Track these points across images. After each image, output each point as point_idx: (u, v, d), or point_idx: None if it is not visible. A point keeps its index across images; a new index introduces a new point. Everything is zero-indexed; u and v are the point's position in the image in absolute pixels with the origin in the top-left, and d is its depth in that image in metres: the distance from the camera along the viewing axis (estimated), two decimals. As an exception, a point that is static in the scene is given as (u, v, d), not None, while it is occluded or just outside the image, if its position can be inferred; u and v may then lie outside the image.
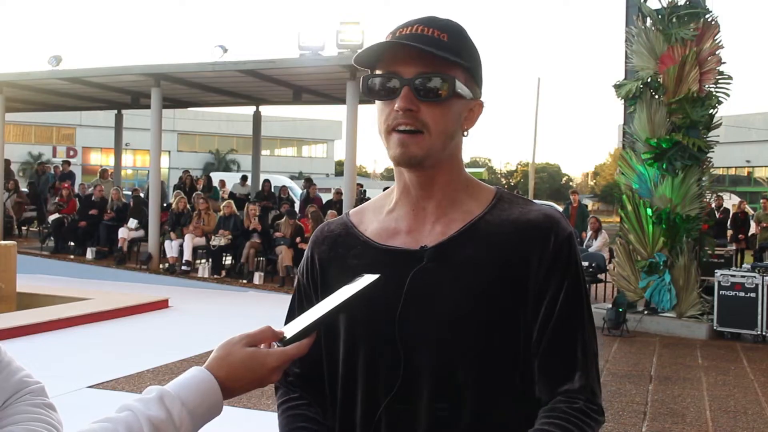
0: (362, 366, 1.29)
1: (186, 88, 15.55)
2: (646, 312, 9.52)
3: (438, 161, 1.27)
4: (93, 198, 15.37)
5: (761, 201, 17.10)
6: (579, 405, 1.21)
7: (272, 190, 17.64)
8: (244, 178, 19.94)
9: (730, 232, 16.69)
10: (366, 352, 1.29)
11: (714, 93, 9.53)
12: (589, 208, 26.13)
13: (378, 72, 1.26)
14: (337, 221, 1.43)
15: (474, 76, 1.29)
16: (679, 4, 9.69)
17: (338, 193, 16.12)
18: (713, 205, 15.17)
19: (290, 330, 1.15)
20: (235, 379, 1.11)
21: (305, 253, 1.44)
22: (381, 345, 1.27)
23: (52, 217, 15.55)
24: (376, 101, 1.28)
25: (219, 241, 13.20)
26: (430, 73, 1.22)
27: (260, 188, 17.47)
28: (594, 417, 1.22)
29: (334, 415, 1.34)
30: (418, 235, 1.30)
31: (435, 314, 1.24)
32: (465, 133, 1.32)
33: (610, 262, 11.92)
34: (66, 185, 16.73)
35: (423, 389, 1.24)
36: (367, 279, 1.18)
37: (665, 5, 9.73)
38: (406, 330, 1.25)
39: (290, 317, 1.41)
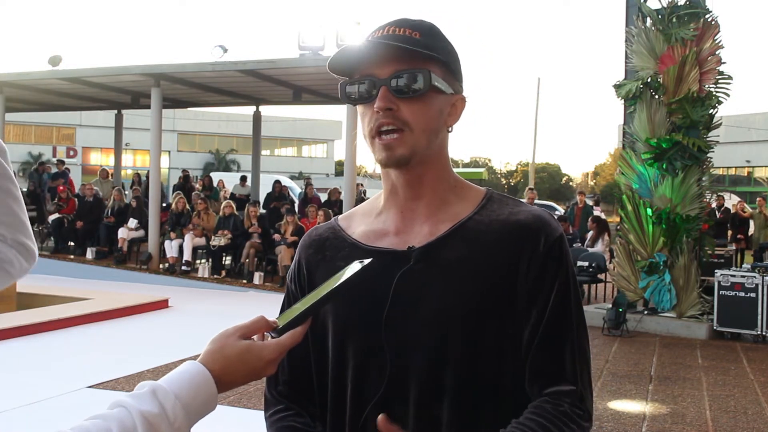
0: (352, 369, 1.28)
1: (186, 88, 15.56)
2: (646, 312, 9.52)
3: (424, 158, 1.26)
4: (85, 198, 15.37)
5: (757, 200, 17.10)
6: (564, 408, 1.20)
7: (281, 190, 17.45)
8: (243, 179, 19.93)
9: (730, 233, 16.71)
10: (355, 355, 1.27)
11: (714, 93, 9.52)
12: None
13: (354, 77, 1.26)
14: (325, 226, 1.42)
15: (452, 71, 1.29)
16: (679, 4, 9.69)
17: (333, 192, 16.12)
18: (714, 205, 15.16)
19: (283, 319, 1.14)
20: (230, 372, 1.09)
21: (294, 258, 1.43)
22: (369, 347, 1.25)
23: (52, 217, 15.56)
24: (358, 107, 1.28)
25: (219, 241, 13.20)
26: (405, 70, 1.22)
27: (271, 189, 17.28)
28: (578, 422, 1.20)
29: (325, 420, 1.33)
30: (406, 236, 1.29)
31: (422, 315, 1.23)
32: (449, 129, 1.31)
33: (610, 262, 11.93)
34: (62, 187, 16.74)
35: (411, 390, 1.23)
36: (359, 264, 1.17)
37: (665, 5, 9.73)
38: (393, 331, 1.23)
39: None
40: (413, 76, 1.22)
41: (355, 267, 1.17)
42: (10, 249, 1.63)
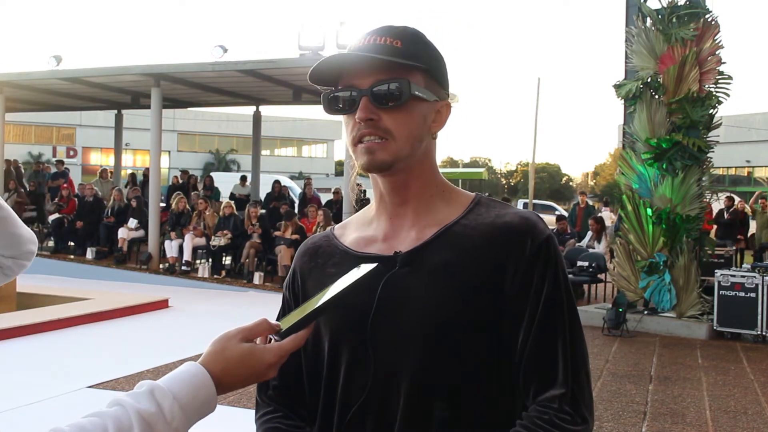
0: (342, 373, 1.29)
1: (186, 88, 15.56)
2: (646, 312, 9.52)
3: (408, 165, 1.27)
4: (85, 198, 15.37)
5: (760, 201, 17.07)
6: (548, 416, 1.18)
7: (281, 190, 17.40)
8: (243, 179, 19.93)
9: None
10: (347, 360, 1.28)
11: (714, 93, 9.53)
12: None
13: (336, 87, 1.28)
14: (320, 235, 1.45)
15: (436, 78, 1.29)
16: (679, 4, 9.69)
17: (336, 192, 16.14)
18: (723, 206, 15.15)
19: (286, 322, 1.14)
20: (230, 374, 1.09)
21: (291, 266, 1.46)
22: (357, 351, 1.26)
23: (52, 217, 15.56)
24: (342, 117, 1.30)
25: (219, 241, 13.21)
26: (385, 80, 1.23)
27: (271, 189, 17.19)
28: (564, 427, 1.18)
29: (315, 423, 1.33)
30: (393, 242, 1.30)
31: (407, 319, 1.23)
32: (433, 135, 1.32)
33: (610, 263, 11.93)
34: (64, 185, 16.74)
35: (399, 394, 1.23)
36: (365, 269, 1.16)
37: (665, 5, 9.73)
38: (379, 336, 1.24)
39: None
40: (393, 85, 1.23)
41: (362, 271, 1.16)
42: (8, 259, 1.73)
